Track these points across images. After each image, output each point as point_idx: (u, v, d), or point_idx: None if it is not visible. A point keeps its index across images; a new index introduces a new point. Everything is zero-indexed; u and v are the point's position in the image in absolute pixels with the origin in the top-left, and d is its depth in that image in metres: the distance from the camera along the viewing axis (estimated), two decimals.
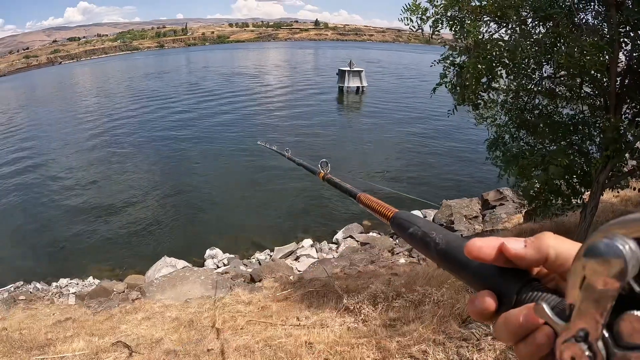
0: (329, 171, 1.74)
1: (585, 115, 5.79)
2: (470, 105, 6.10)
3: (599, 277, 0.36)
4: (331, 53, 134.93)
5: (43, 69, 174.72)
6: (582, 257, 0.38)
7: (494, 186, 15.39)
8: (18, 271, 13.96)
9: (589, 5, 5.14)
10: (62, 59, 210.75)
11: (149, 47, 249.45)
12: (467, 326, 4.25)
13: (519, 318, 0.45)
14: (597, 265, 0.36)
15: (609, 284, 0.36)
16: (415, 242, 0.69)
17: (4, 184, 23.83)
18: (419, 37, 6.20)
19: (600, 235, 0.37)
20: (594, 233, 0.38)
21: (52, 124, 40.52)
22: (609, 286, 0.36)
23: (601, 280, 0.36)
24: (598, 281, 0.36)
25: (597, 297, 0.37)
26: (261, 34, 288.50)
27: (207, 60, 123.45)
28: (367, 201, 1.10)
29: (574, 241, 0.47)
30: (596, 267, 0.36)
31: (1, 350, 5.47)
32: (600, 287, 0.36)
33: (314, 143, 27.65)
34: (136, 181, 22.25)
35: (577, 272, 0.38)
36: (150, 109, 43.17)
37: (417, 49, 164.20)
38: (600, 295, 0.36)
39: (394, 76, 67.09)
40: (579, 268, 0.38)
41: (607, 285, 0.36)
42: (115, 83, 74.32)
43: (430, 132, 29.92)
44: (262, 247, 14.61)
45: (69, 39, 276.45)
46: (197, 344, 5.25)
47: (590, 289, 0.37)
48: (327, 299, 6.39)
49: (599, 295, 0.36)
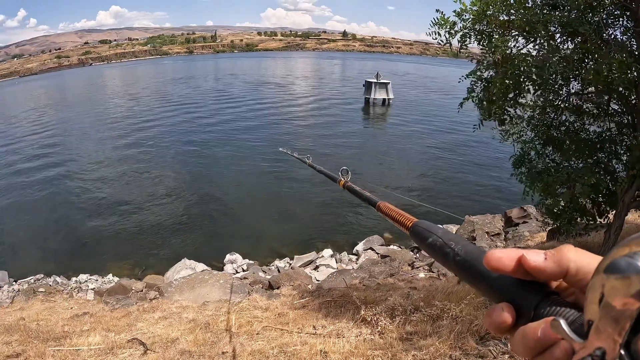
0: (349, 179, 1.75)
1: (612, 133, 5.68)
2: (497, 120, 6.05)
3: (618, 295, 0.35)
4: (358, 64, 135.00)
5: (74, 70, 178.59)
6: (602, 274, 0.37)
7: (518, 203, 15.18)
8: (39, 264, 14.31)
9: (618, 21, 5.08)
10: (92, 60, 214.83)
11: (178, 52, 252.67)
12: (485, 343, 4.19)
13: (536, 332, 0.44)
14: (617, 283, 0.36)
15: (628, 304, 0.35)
16: (434, 252, 0.70)
17: (32, 178, 24.48)
18: (447, 51, 6.21)
19: (621, 251, 0.36)
20: (615, 248, 0.37)
21: (81, 123, 41.49)
22: (628, 305, 0.35)
23: (620, 298, 0.35)
24: (617, 300, 0.35)
25: (616, 315, 0.36)
26: (289, 43, 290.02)
27: (235, 67, 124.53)
28: (386, 210, 1.11)
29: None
30: (616, 285, 0.36)
31: (18, 339, 5.56)
32: (620, 306, 0.35)
33: (337, 152, 27.65)
34: (160, 183, 22.54)
35: (596, 288, 0.38)
36: (177, 113, 43.71)
37: (444, 62, 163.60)
38: (619, 314, 0.35)
39: (420, 89, 66.73)
40: (598, 284, 0.38)
41: (626, 304, 0.35)
42: (143, 86, 75.43)
43: (455, 146, 29.64)
44: (281, 254, 14.61)
45: (101, 41, 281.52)
46: (212, 346, 5.27)
47: (608, 307, 0.36)
48: (344, 309, 6.36)
49: (618, 314, 0.35)
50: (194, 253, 14.28)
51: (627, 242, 0.36)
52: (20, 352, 5.06)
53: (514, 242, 12.92)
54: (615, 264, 0.36)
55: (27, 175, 25.17)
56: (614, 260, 0.36)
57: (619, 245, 0.37)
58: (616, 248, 0.37)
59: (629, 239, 0.36)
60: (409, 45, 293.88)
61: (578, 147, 5.66)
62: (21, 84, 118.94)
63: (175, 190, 21.33)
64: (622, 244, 0.37)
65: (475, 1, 5.17)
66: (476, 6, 5.17)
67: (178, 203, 19.65)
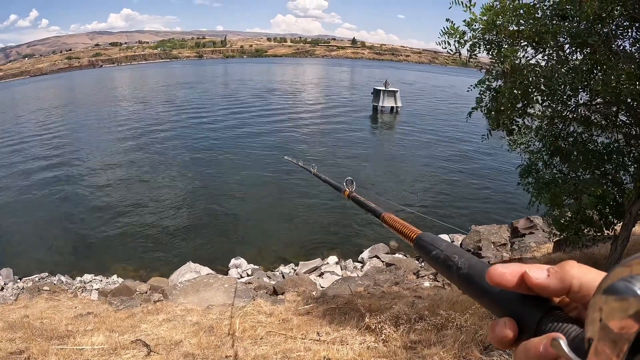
0: (354, 189, 1.75)
1: (620, 145, 5.66)
2: (505, 130, 6.05)
3: (616, 317, 0.36)
4: (367, 72, 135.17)
5: (84, 71, 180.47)
6: (601, 294, 0.38)
7: (524, 214, 15.12)
8: (44, 262, 14.42)
9: (627, 33, 5.07)
10: (102, 62, 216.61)
11: (188, 56, 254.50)
12: (489, 354, 4.18)
13: (539, 348, 0.44)
14: (614, 305, 0.36)
15: (626, 326, 0.35)
16: (438, 265, 0.70)
17: (39, 177, 24.76)
18: (456, 60, 6.23)
19: (621, 271, 0.37)
20: (617, 267, 0.37)
21: (90, 124, 41.94)
22: (626, 328, 0.35)
23: (618, 321, 0.36)
24: (614, 322, 0.36)
25: (614, 337, 0.36)
26: (298, 50, 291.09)
27: (244, 72, 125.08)
28: (391, 221, 1.11)
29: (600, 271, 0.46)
30: (614, 307, 0.36)
31: (21, 337, 5.57)
32: (617, 329, 0.36)
33: (343, 160, 27.66)
34: (166, 186, 22.62)
35: (596, 307, 0.38)
36: (184, 117, 43.97)
37: (453, 71, 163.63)
38: (617, 336, 0.36)
39: (429, 98, 66.63)
40: (597, 304, 0.38)
41: (624, 327, 0.35)
42: (152, 90, 76.12)
43: (462, 155, 29.57)
44: (286, 260, 14.62)
45: (111, 43, 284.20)
46: (215, 349, 5.27)
47: (607, 329, 0.36)
48: (348, 316, 6.34)
49: (616, 336, 0.36)
50: (198, 256, 14.30)
51: (628, 262, 0.37)
52: (23, 350, 5.07)
53: (520, 252, 12.86)
54: (613, 286, 0.36)
55: (34, 174, 25.43)
56: (612, 283, 0.37)
57: (621, 264, 0.37)
58: (618, 267, 0.37)
59: (630, 258, 0.37)
60: (418, 53, 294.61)
61: (586, 158, 5.64)
62: (31, 84, 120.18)
63: (181, 194, 21.40)
64: (623, 263, 0.37)
65: (485, 11, 5.19)
66: (486, 16, 5.19)
67: (183, 207, 19.71)
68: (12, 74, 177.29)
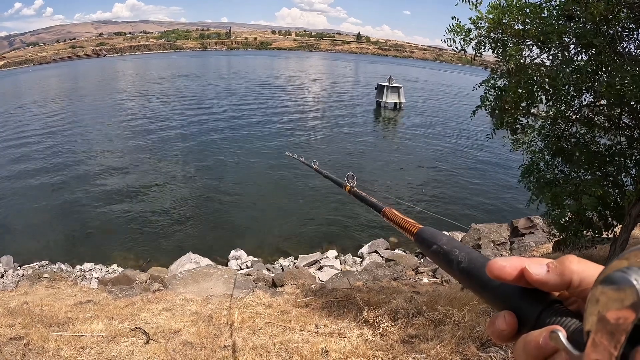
0: (355, 185, 1.76)
1: (622, 147, 5.67)
2: (508, 129, 6.05)
3: (613, 308, 0.36)
4: (371, 67, 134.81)
5: (87, 60, 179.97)
6: (599, 286, 0.38)
7: (525, 213, 15.13)
8: (44, 250, 14.51)
9: (633, 35, 5.07)
10: (106, 51, 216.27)
11: (192, 47, 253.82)
12: (486, 349, 4.20)
13: (538, 340, 0.44)
14: (611, 296, 0.36)
15: (622, 317, 0.36)
16: (438, 259, 0.71)
17: (40, 165, 24.89)
18: (461, 58, 6.22)
19: (618, 263, 0.37)
20: (615, 260, 0.38)
21: (91, 113, 41.90)
22: (622, 319, 0.36)
23: (615, 312, 0.36)
24: (611, 313, 0.36)
25: (612, 329, 0.36)
26: (303, 43, 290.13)
27: (248, 65, 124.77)
28: (391, 216, 1.11)
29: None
30: (611, 298, 0.36)
31: (21, 323, 5.60)
32: (614, 320, 0.36)
33: (345, 155, 27.67)
34: (168, 177, 22.67)
35: (594, 300, 0.38)
36: (187, 108, 43.97)
37: (457, 69, 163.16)
38: (614, 327, 0.36)
39: (432, 95, 66.54)
40: (595, 296, 0.38)
41: (621, 317, 0.36)
42: (155, 81, 75.79)
43: (464, 153, 29.57)
44: (286, 253, 14.69)
45: (116, 33, 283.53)
46: (214, 339, 5.30)
47: (604, 320, 0.37)
48: (347, 309, 6.36)
49: (613, 327, 0.36)
50: (199, 247, 14.34)
51: (626, 254, 0.37)
52: (23, 335, 5.10)
53: (519, 252, 12.88)
54: (610, 277, 0.37)
55: (35, 162, 25.50)
56: (609, 274, 0.37)
57: (618, 257, 0.38)
58: (615, 260, 0.38)
59: (628, 250, 0.37)
60: (423, 50, 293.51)
61: (587, 159, 5.66)
62: (35, 72, 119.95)
63: (182, 186, 21.47)
64: (621, 256, 0.38)
65: (491, 9, 5.18)
66: (492, 14, 5.18)
67: (184, 198, 19.74)
68: (16, 62, 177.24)
